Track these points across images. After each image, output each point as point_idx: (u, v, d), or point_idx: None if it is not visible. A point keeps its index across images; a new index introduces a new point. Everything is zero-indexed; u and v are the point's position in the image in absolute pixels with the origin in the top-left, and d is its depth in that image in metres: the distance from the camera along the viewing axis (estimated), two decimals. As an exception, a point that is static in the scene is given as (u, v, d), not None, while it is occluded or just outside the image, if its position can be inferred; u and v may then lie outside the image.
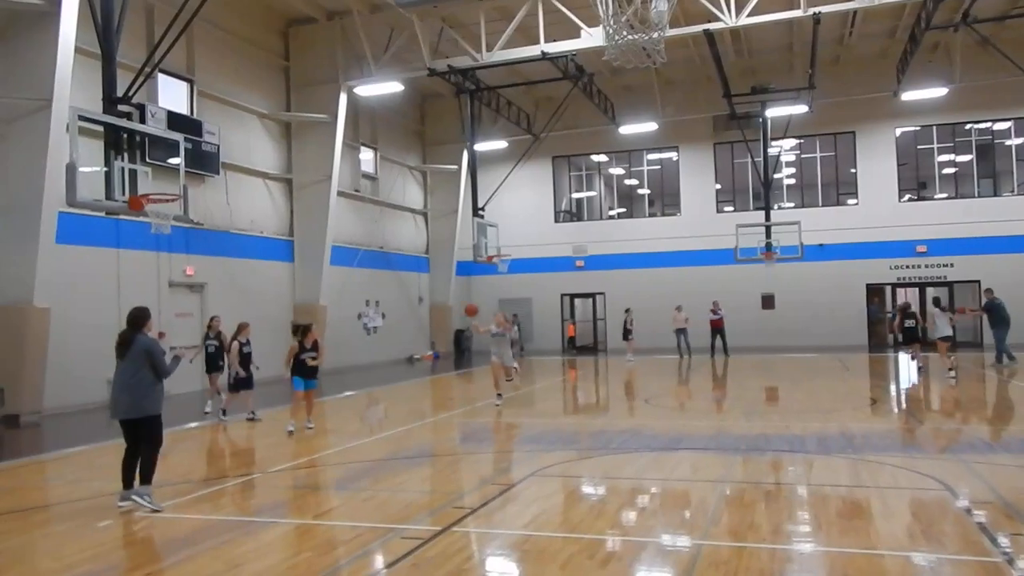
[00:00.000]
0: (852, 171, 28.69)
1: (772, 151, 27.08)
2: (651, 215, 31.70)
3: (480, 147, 26.73)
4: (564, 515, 7.13)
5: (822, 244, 27.26)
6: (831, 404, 14.02)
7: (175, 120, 17.54)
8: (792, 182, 30.26)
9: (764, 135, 26.35)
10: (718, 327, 25.33)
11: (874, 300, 28.29)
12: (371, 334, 25.92)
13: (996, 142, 27.77)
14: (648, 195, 31.92)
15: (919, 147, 28.29)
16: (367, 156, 26.89)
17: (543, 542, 6.10)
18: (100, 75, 11.66)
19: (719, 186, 30.16)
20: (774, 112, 26.00)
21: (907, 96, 25.26)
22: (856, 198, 28.66)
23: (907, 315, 18.05)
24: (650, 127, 27.81)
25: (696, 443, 10.27)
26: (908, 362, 19.70)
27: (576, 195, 33.09)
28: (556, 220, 31.97)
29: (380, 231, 27.28)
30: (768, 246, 25.38)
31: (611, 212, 32.70)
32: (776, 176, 28.36)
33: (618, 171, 32.31)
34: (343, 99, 22.31)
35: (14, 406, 13.91)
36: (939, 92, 24.92)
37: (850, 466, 8.62)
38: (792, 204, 29.67)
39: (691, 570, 5.35)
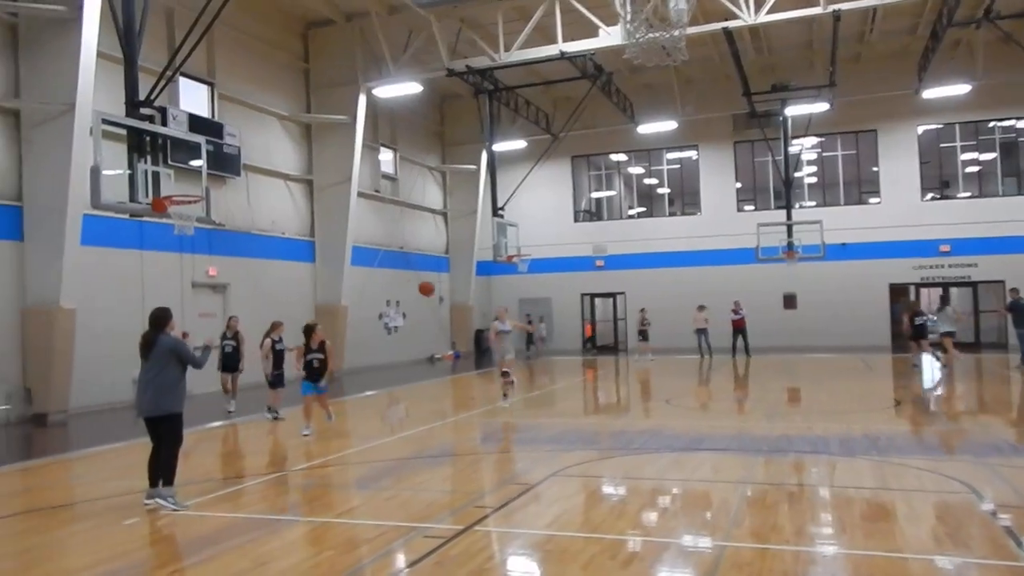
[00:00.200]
0: (874, 169, 28.44)
1: (793, 149, 26.90)
2: (671, 214, 31.62)
3: (499, 147, 26.78)
4: (585, 515, 7.13)
5: (844, 243, 27.05)
6: (854, 405, 13.91)
7: (196, 123, 17.70)
8: (813, 181, 30.02)
9: (784, 133, 26.19)
10: (740, 327, 25.14)
11: (899, 299, 27.99)
12: (392, 334, 26.04)
13: (1020, 140, 27.45)
14: (668, 194, 31.81)
15: (942, 145, 28.00)
16: (387, 157, 26.99)
17: (565, 542, 6.11)
18: (122, 79, 11.77)
19: (739, 185, 30.00)
20: (794, 110, 25.80)
21: (929, 94, 24.99)
22: (878, 197, 28.40)
23: (916, 314, 19.72)
24: (669, 126, 27.74)
25: (717, 444, 10.22)
26: (931, 363, 19.54)
27: (595, 195, 33.08)
28: (575, 220, 31.95)
29: (400, 231, 27.38)
30: (790, 245, 25.22)
31: (631, 211, 32.59)
32: (797, 175, 28.17)
33: (637, 170, 32.21)
34: (362, 100, 22.42)
35: (41, 405, 14.16)
36: (961, 90, 24.62)
37: (874, 468, 8.55)
38: (813, 203, 29.43)
39: (714, 571, 5.33)
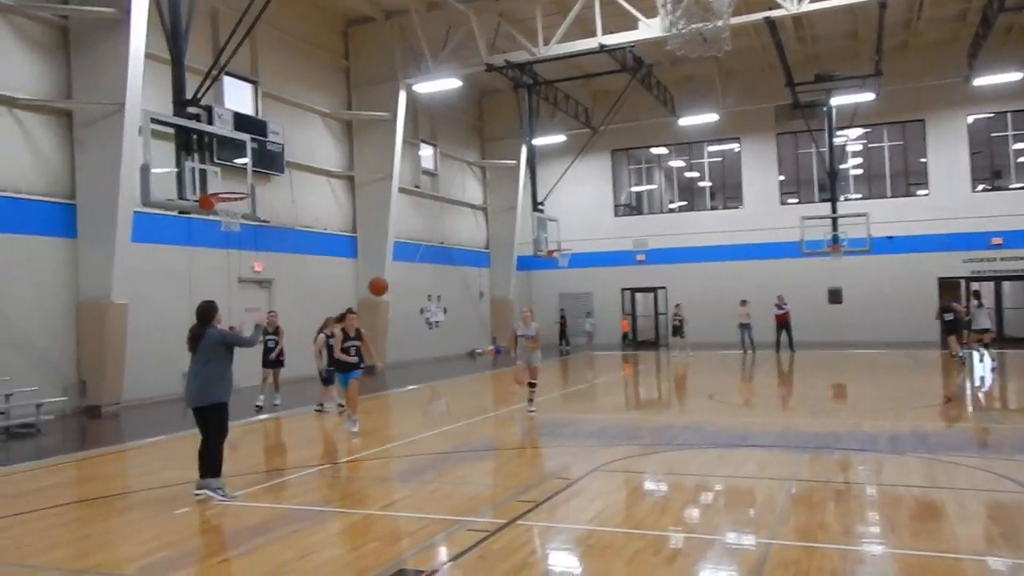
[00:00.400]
0: (922, 160, 27.80)
1: (838, 141, 26.43)
2: (712, 208, 31.29)
3: (538, 141, 26.74)
4: (628, 511, 7.11)
5: (891, 236, 26.50)
6: (902, 401, 13.62)
7: (241, 121, 18.00)
8: (859, 172, 29.47)
9: (829, 124, 25.74)
10: (784, 322, 24.80)
11: (945, 295, 27.28)
12: (433, 328, 26.20)
13: (1077, 128, 26.64)
14: (709, 187, 31.49)
15: (992, 135, 27.27)
16: (427, 153, 27.14)
17: (608, 537, 6.10)
18: (170, 79, 12.05)
19: (782, 177, 29.57)
20: (839, 100, 25.31)
21: (979, 82, 24.29)
22: (926, 188, 27.77)
23: (945, 310, 20.20)
24: (710, 118, 27.38)
25: (762, 440, 10.10)
26: (979, 360, 19.10)
27: (636, 188, 32.87)
28: (616, 214, 31.79)
29: (441, 227, 27.53)
30: (835, 239, 24.80)
31: (671, 205, 32.34)
32: (842, 167, 27.68)
33: (678, 163, 31.92)
34: (402, 97, 22.57)
35: (95, 398, 14.58)
36: (1014, 77, 23.94)
37: (924, 466, 8.38)
38: (859, 195, 28.88)
39: (760, 569, 5.27)
